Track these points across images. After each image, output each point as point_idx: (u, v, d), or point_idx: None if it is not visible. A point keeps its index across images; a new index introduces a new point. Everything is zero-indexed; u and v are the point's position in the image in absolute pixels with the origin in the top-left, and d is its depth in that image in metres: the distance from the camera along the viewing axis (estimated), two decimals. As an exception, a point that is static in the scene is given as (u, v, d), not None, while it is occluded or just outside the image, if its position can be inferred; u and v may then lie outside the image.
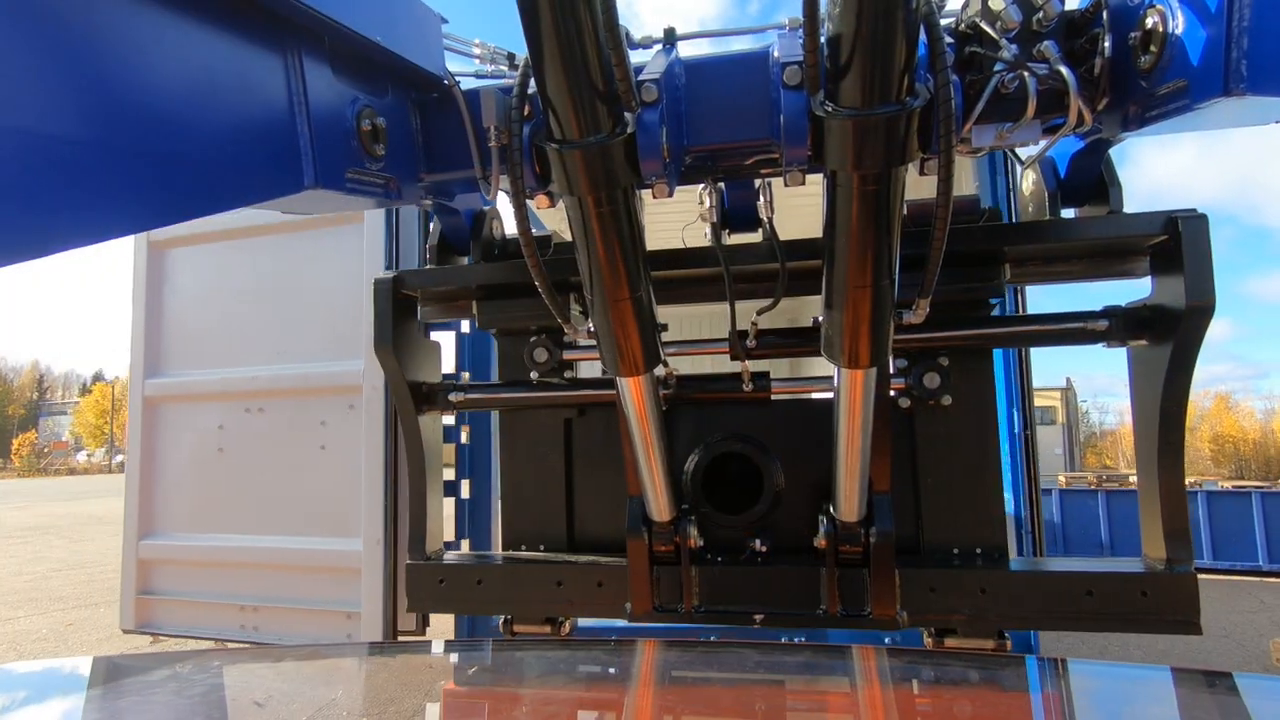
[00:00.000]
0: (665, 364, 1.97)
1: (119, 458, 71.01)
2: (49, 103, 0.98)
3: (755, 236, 2.00)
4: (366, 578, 3.25)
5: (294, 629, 3.41)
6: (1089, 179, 1.96)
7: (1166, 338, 1.74)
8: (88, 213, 1.05)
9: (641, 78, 1.48)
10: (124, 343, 3.86)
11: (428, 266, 2.27)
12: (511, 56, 2.04)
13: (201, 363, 3.75)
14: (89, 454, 76.62)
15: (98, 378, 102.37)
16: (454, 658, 1.91)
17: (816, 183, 1.49)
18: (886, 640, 2.75)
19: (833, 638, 2.87)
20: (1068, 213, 2.02)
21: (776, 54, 1.63)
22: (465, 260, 2.30)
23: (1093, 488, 13.34)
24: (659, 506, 1.96)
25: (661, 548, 2.00)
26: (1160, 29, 1.48)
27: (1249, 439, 56.95)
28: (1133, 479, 17.62)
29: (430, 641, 2.36)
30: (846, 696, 1.49)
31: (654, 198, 1.54)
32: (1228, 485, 14.23)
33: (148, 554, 3.73)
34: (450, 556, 2.26)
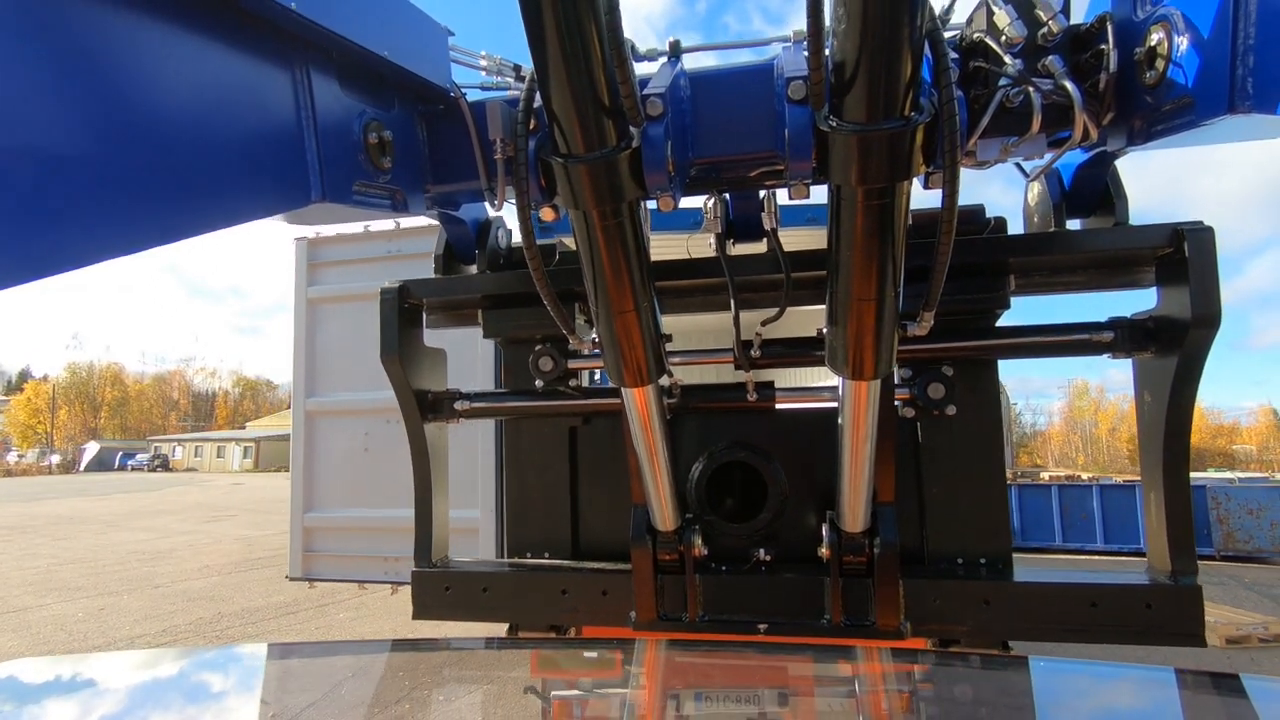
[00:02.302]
0: (670, 374, 1.95)
1: (54, 458, 68.21)
2: (60, 123, 0.99)
3: (759, 246, 1.99)
4: (483, 535, 4.56)
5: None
6: (1094, 190, 1.95)
7: (1172, 349, 1.72)
8: (97, 231, 1.05)
9: (646, 92, 1.47)
10: (59, 339, 4.97)
11: (434, 276, 2.26)
12: (518, 68, 2.04)
13: (350, 387, 4.95)
14: (20, 455, 73.12)
15: (24, 375, 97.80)
16: (455, 656, 1.87)
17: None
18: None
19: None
20: (1073, 223, 2.02)
21: (781, 67, 1.62)
22: (471, 268, 2.30)
23: (1009, 483, 15.28)
24: (663, 516, 1.96)
25: (666, 557, 1.99)
26: (1165, 45, 1.47)
27: (1162, 440, 61.36)
28: (1044, 475, 19.76)
29: (433, 640, 2.30)
30: (850, 696, 1.45)
31: (660, 210, 1.52)
32: (1120, 480, 16.37)
33: (310, 523, 4.97)
34: (458, 564, 2.28)
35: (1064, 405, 76.80)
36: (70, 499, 27.93)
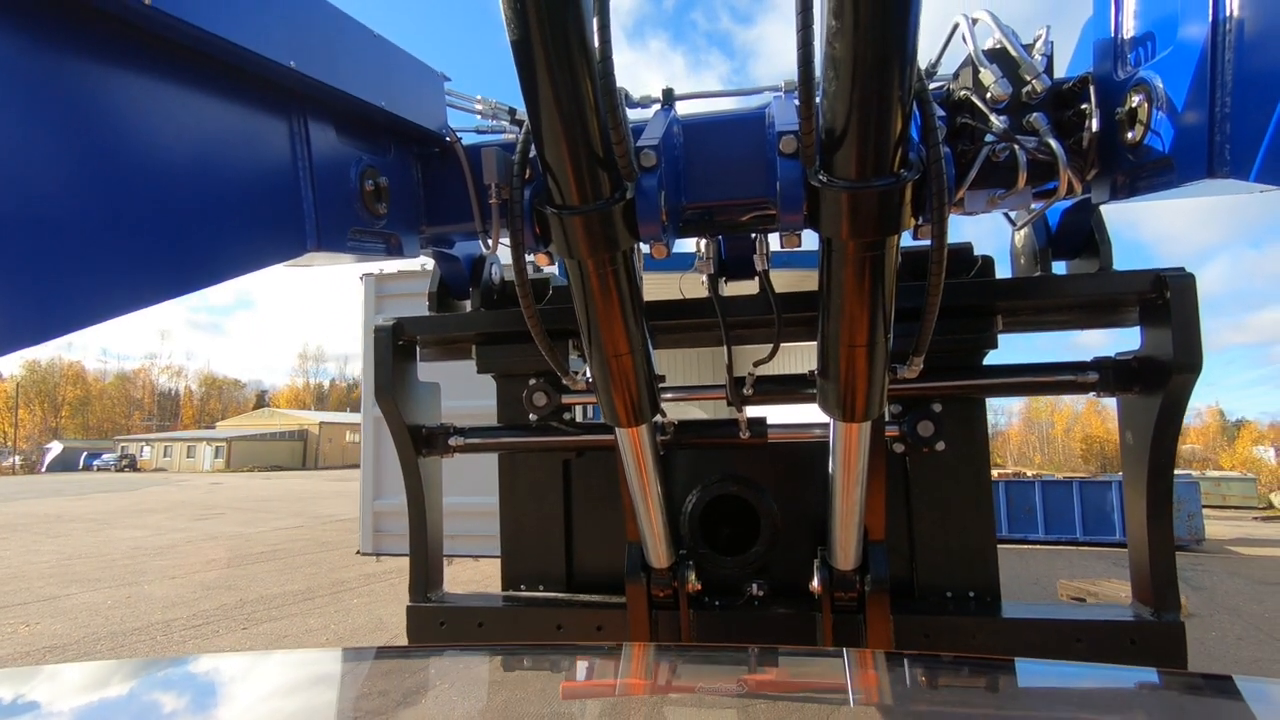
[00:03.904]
0: (663, 414, 1.94)
1: (15, 459, 66.31)
2: (60, 187, 1.00)
3: (752, 284, 1.99)
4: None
5: (476, 547, 5.71)
6: (1079, 234, 2.00)
7: (1155, 390, 1.74)
8: (98, 292, 1.07)
9: (640, 143, 1.46)
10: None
11: (428, 313, 2.28)
12: (513, 111, 2.05)
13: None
14: (-25, 455, 70.67)
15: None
16: (444, 662, 1.85)
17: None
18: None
19: None
20: (1058, 266, 2.05)
21: (772, 116, 1.64)
22: (465, 304, 2.34)
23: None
24: (657, 553, 1.97)
25: (660, 593, 2.00)
26: (1145, 110, 1.50)
27: (1112, 439, 64.53)
28: (993, 473, 21.16)
29: (423, 647, 2.26)
30: (838, 700, 1.40)
31: (654, 257, 1.53)
32: (1059, 476, 17.81)
33: (378, 508, 5.97)
34: (453, 597, 2.27)
35: (1023, 406, 79.69)
36: (48, 499, 27.81)
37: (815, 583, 1.93)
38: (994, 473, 21.03)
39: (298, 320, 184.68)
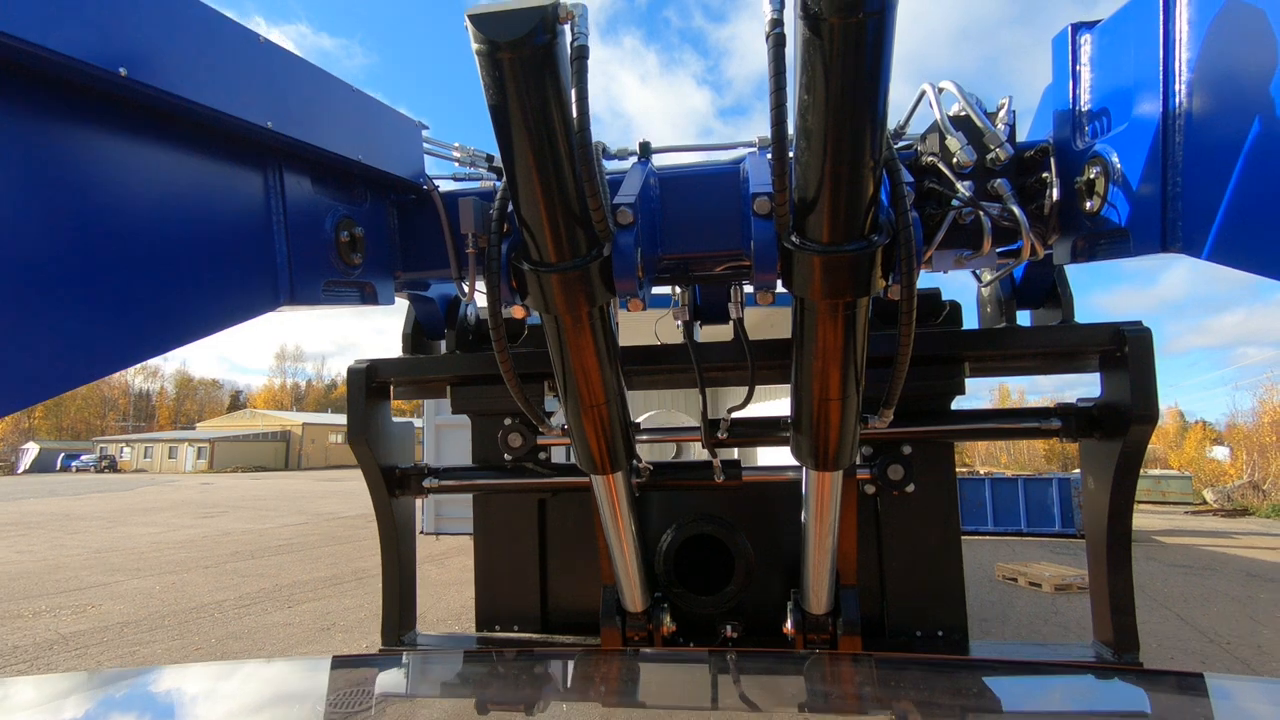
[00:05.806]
0: (638, 459, 1.97)
1: (-13, 460, 65.30)
2: (36, 253, 0.99)
3: (727, 327, 2.03)
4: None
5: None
6: (1042, 285, 2.10)
7: (1114, 437, 1.82)
8: (74, 358, 1.07)
9: (617, 200, 1.48)
10: None
11: (401, 355, 2.27)
12: (490, 158, 2.11)
13: (463, 408, 7.25)
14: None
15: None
16: (429, 667, 1.81)
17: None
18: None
19: None
20: (1023, 314, 2.14)
21: (746, 170, 1.70)
22: (440, 343, 2.32)
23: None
24: (632, 597, 2.00)
25: (635, 636, 2.04)
26: (1101, 183, 1.57)
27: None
28: (952, 471, 22.76)
29: (405, 652, 2.29)
30: (821, 702, 1.43)
31: (630, 310, 1.53)
32: (1008, 474, 19.45)
33: (438, 497, 7.29)
34: (426, 638, 2.27)
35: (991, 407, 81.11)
36: (46, 499, 28.10)
37: (789, 625, 2.00)
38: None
39: (273, 320, 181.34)
